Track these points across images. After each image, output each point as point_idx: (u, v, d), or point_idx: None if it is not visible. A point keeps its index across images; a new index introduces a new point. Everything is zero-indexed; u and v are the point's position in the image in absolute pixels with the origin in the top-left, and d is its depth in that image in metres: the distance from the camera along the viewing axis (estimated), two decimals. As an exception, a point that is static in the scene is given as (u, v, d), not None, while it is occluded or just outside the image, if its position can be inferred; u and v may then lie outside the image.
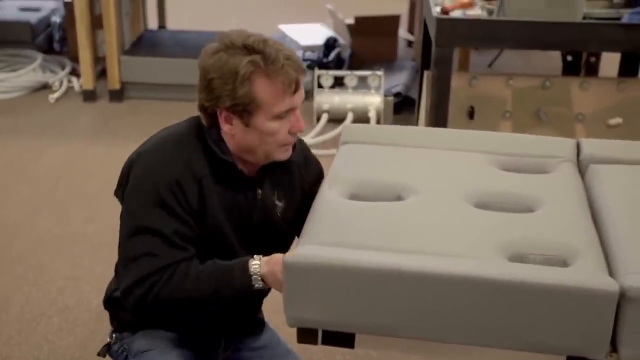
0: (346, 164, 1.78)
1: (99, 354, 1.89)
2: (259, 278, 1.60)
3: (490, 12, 2.99)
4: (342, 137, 1.90)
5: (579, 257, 1.37)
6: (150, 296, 1.64)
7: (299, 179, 1.83)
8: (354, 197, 1.63)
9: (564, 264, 1.37)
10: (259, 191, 1.77)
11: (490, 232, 1.43)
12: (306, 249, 1.42)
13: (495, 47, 4.19)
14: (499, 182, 1.65)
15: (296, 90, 1.68)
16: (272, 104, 1.66)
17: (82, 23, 4.35)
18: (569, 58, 3.95)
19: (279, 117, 1.67)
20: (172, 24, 5.61)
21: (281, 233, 1.82)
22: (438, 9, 3.01)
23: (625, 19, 2.84)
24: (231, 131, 1.69)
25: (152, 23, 5.49)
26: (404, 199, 1.59)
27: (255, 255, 1.62)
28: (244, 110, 1.66)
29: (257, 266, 1.60)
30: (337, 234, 1.47)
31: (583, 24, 2.81)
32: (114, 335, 1.85)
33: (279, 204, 1.81)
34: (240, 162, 1.74)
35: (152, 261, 1.65)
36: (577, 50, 3.61)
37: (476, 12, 3.01)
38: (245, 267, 1.62)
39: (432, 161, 1.76)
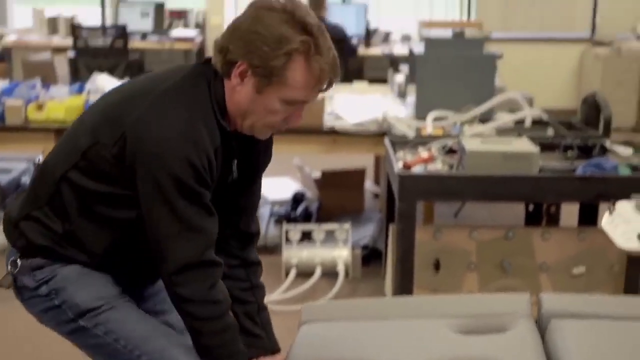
0: (305, 346, 1.78)
1: (2, 286, 1.77)
2: None
3: (450, 167, 3.08)
4: (302, 317, 1.91)
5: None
6: (205, 285, 1.62)
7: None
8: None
9: None
10: (235, 161, 1.76)
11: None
12: None
13: (456, 200, 4.29)
14: (457, 348, 1.66)
15: (323, 89, 1.65)
16: (294, 89, 1.62)
17: (51, 183, 4.39)
18: (531, 208, 4.04)
19: (289, 102, 1.64)
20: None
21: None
22: (400, 164, 3.10)
23: (579, 171, 2.94)
24: (237, 87, 1.64)
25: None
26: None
27: None
28: (266, 77, 1.61)
29: None
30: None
31: (539, 177, 2.91)
32: (18, 262, 1.74)
33: (234, 174, 1.79)
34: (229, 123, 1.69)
35: (205, 240, 1.62)
36: (536, 202, 3.70)
37: (437, 166, 3.10)
38: None
39: (391, 333, 1.77)
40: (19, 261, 1.74)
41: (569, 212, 4.00)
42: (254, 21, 1.61)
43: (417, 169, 3.04)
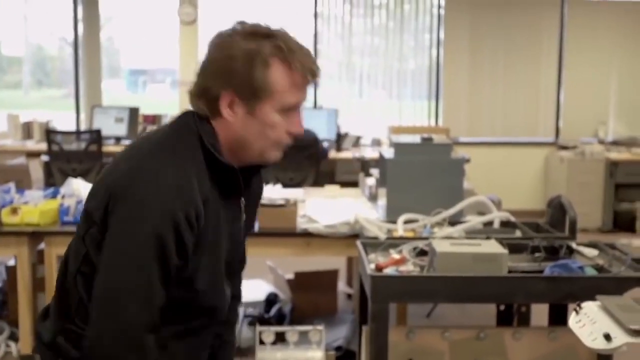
0: None
1: None
2: None
3: (422, 268, 3.14)
4: None
5: None
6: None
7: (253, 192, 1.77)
8: None
9: None
10: (243, 199, 1.68)
11: None
12: None
13: (428, 301, 4.33)
14: None
15: (310, 83, 1.62)
16: (285, 93, 1.58)
17: (23, 287, 4.38)
18: (502, 307, 4.09)
19: (285, 110, 1.60)
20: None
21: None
22: (372, 266, 3.15)
23: (547, 272, 3.01)
24: (230, 118, 1.58)
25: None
26: None
27: None
28: (253, 95, 1.56)
29: None
30: None
31: (508, 277, 2.97)
32: None
33: (243, 215, 1.71)
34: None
35: (139, 312, 1.47)
36: (506, 303, 3.76)
37: (409, 268, 3.15)
38: None
39: None
40: None
41: (540, 311, 4.06)
42: (219, 51, 1.59)
43: (389, 271, 3.09)
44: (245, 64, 1.56)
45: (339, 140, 7.97)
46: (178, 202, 1.52)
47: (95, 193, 1.64)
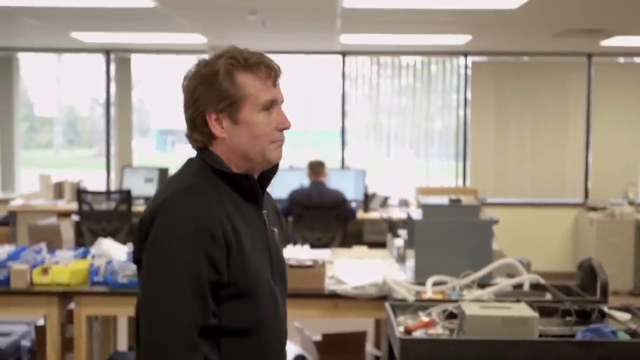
0: None
1: None
2: None
3: (451, 331, 3.11)
4: None
5: None
6: None
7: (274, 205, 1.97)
8: None
9: None
10: (264, 211, 1.86)
11: None
12: None
13: (458, 365, 4.26)
14: None
15: (275, 81, 1.79)
16: (257, 93, 1.76)
17: (52, 347, 4.39)
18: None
19: (265, 108, 1.77)
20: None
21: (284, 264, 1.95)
22: (401, 328, 3.13)
23: (578, 336, 2.97)
24: (222, 134, 1.76)
25: (122, 344, 5.53)
26: None
27: None
28: (231, 105, 1.74)
29: None
30: None
31: (539, 341, 2.93)
32: None
33: (274, 229, 1.89)
34: None
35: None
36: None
37: (437, 331, 3.13)
38: None
39: None
40: None
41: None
42: (190, 86, 1.79)
43: (419, 334, 3.07)
44: (213, 83, 1.75)
45: (367, 200, 7.99)
46: (202, 222, 1.70)
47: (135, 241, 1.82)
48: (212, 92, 1.75)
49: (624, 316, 3.21)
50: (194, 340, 1.69)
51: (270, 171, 1.89)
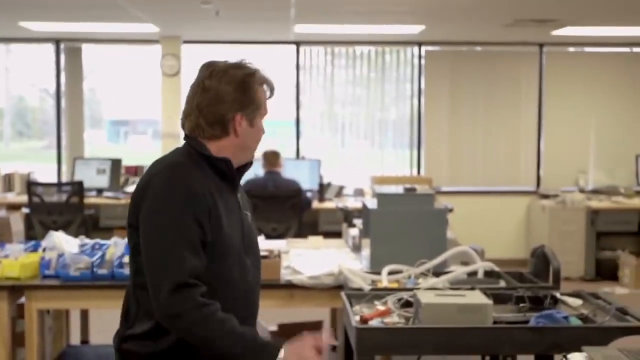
0: None
1: None
2: None
3: (407, 320, 3.12)
4: None
5: None
6: (188, 306, 1.92)
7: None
8: None
9: None
10: (239, 195, 2.20)
11: None
12: None
13: (414, 353, 4.29)
14: None
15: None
16: (265, 106, 2.16)
17: (2, 342, 4.30)
18: (488, 358, 4.06)
19: (263, 117, 2.17)
20: (95, 338, 5.59)
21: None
22: (357, 318, 3.13)
23: (532, 322, 3.00)
24: (241, 133, 2.10)
25: (75, 338, 5.46)
26: None
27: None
28: (253, 111, 2.12)
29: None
30: None
31: (493, 328, 2.96)
32: None
33: (247, 213, 2.21)
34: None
35: (187, 269, 1.96)
36: (492, 354, 3.74)
37: (393, 319, 3.14)
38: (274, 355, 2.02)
39: None
40: None
41: (525, 363, 4.04)
42: (223, 88, 2.08)
43: (374, 323, 3.07)
44: (246, 90, 2.11)
45: (322, 190, 7.99)
46: (190, 190, 2.03)
47: (129, 208, 2.11)
48: (246, 97, 2.10)
49: (576, 302, 3.26)
50: (194, 275, 1.98)
51: (245, 166, 2.24)
